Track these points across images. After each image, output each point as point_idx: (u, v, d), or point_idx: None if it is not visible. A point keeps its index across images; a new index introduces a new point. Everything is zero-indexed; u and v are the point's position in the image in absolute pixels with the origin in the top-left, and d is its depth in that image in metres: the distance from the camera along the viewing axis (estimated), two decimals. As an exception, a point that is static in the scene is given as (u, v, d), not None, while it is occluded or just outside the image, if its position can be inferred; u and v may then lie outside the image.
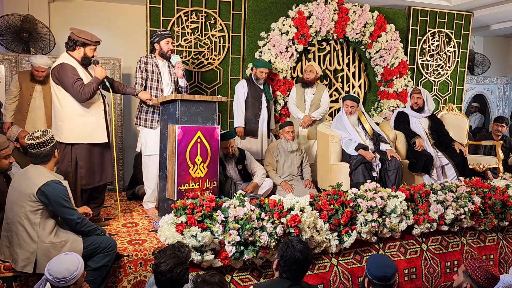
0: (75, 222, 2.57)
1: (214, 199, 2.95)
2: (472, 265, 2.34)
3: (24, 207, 2.48)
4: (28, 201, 2.47)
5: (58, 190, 2.51)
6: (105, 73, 3.40)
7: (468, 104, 7.48)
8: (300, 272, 2.27)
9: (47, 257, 2.45)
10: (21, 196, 2.50)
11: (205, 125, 3.39)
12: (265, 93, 4.71)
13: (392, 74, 5.56)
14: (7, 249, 2.57)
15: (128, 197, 4.55)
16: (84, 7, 5.31)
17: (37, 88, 4.35)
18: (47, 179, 2.52)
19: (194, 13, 4.86)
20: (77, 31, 3.31)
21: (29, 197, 2.47)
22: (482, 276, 2.29)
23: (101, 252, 2.62)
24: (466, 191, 3.74)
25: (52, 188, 2.49)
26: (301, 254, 2.23)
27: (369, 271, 2.30)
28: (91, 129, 3.31)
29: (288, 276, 2.24)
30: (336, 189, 3.43)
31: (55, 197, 2.48)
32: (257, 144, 4.71)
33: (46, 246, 2.48)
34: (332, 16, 5.17)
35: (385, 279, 2.24)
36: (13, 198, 2.55)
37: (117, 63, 5.05)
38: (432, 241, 3.64)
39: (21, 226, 2.48)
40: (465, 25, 6.10)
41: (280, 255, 2.28)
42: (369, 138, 4.25)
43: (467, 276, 2.34)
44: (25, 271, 2.49)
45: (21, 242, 2.48)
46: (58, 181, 2.56)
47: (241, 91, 4.67)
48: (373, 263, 2.33)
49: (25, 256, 2.47)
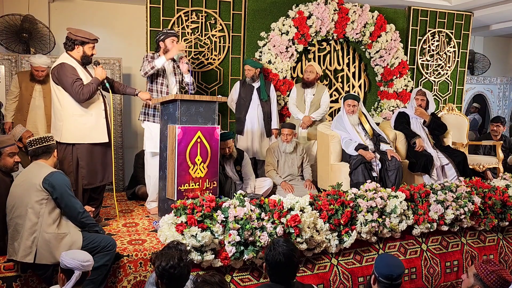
0: (77, 211, 2.64)
1: (214, 199, 2.95)
2: (485, 269, 2.24)
3: (30, 197, 2.53)
4: (33, 191, 2.53)
5: (62, 178, 2.62)
6: (105, 74, 3.41)
7: (469, 104, 7.48)
8: (286, 275, 2.19)
9: (48, 248, 2.51)
10: (26, 188, 2.56)
11: (205, 125, 3.39)
12: (259, 93, 4.70)
13: (392, 74, 5.57)
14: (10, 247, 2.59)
15: (128, 197, 4.55)
16: (84, 7, 5.31)
17: (37, 87, 4.36)
18: (51, 170, 2.63)
19: (194, 13, 4.86)
20: (75, 30, 3.31)
21: (35, 187, 2.54)
22: (495, 281, 2.20)
23: (101, 251, 2.63)
24: (466, 191, 3.74)
25: (56, 177, 2.59)
26: (284, 256, 2.14)
27: (377, 268, 2.30)
28: (91, 129, 3.31)
29: (276, 279, 2.19)
30: (336, 189, 3.43)
31: (60, 185, 2.57)
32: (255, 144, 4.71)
33: (48, 236, 2.52)
34: (332, 16, 5.17)
35: (391, 278, 2.24)
36: (17, 194, 2.58)
37: (117, 63, 5.04)
38: (432, 241, 3.64)
39: (25, 216, 2.53)
40: (465, 25, 6.10)
41: (265, 258, 2.22)
42: (369, 138, 4.25)
43: (478, 280, 2.25)
44: (25, 261, 2.51)
45: (24, 232, 2.51)
46: (62, 172, 2.70)
47: (233, 91, 4.78)
48: (382, 261, 2.33)
49: (27, 245, 2.50)
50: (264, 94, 4.70)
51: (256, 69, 4.66)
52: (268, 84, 4.81)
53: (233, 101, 4.77)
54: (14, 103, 4.33)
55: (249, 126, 4.69)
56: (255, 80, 4.70)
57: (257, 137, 4.72)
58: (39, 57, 4.27)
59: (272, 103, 4.79)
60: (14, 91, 4.32)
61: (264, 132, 4.75)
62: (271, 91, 4.79)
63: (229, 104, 4.84)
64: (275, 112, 4.80)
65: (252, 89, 4.70)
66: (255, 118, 4.69)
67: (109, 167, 3.47)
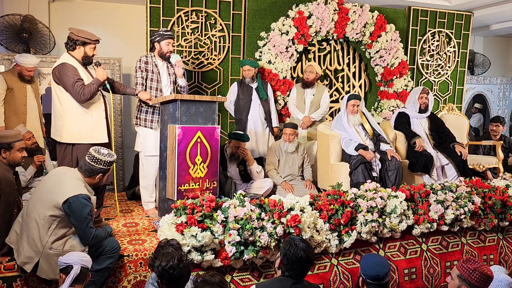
0: (88, 240, 2.53)
1: (214, 199, 2.95)
2: (467, 268, 2.28)
3: (46, 209, 2.46)
4: (52, 206, 2.46)
5: (84, 206, 2.47)
6: (106, 75, 3.40)
7: (469, 104, 7.48)
8: (302, 271, 2.28)
9: (49, 263, 2.46)
10: (47, 198, 2.49)
11: (205, 125, 3.39)
12: (258, 92, 4.70)
13: (392, 74, 5.57)
14: (14, 235, 2.57)
15: (128, 197, 4.55)
16: (84, 7, 5.31)
17: (29, 88, 4.33)
18: (78, 191, 2.48)
19: (194, 13, 4.86)
20: (76, 30, 3.31)
21: (54, 203, 2.45)
22: (479, 278, 2.24)
23: (105, 253, 2.63)
24: (466, 191, 3.74)
25: (79, 203, 2.45)
26: (304, 253, 2.25)
27: (363, 270, 2.31)
28: (91, 129, 3.31)
29: (291, 274, 2.25)
30: (336, 189, 3.43)
31: (80, 213, 2.45)
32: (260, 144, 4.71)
33: (51, 253, 2.46)
34: (332, 16, 5.17)
35: (378, 278, 2.25)
36: (40, 194, 2.55)
37: (117, 63, 5.05)
38: (432, 241, 3.64)
39: (36, 224, 2.47)
40: (465, 25, 6.10)
41: (283, 254, 2.28)
42: (369, 138, 4.25)
43: (462, 280, 2.28)
44: (24, 268, 2.49)
45: (30, 239, 2.48)
46: (87, 196, 2.52)
47: (231, 93, 4.76)
48: (367, 262, 2.33)
49: (29, 254, 2.47)
50: (263, 93, 4.70)
51: (255, 68, 4.68)
52: (265, 83, 4.83)
53: (231, 103, 4.73)
54: (1, 107, 4.15)
55: (251, 127, 4.69)
56: (254, 80, 4.71)
57: (261, 137, 4.72)
58: (30, 57, 4.23)
59: (270, 101, 4.80)
60: (1, 94, 4.14)
61: (267, 131, 4.76)
62: (268, 90, 4.80)
63: (226, 106, 4.80)
64: (274, 111, 4.83)
65: (251, 89, 4.70)
66: (257, 118, 4.69)
67: None
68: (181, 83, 3.84)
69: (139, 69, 3.74)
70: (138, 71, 3.74)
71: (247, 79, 4.68)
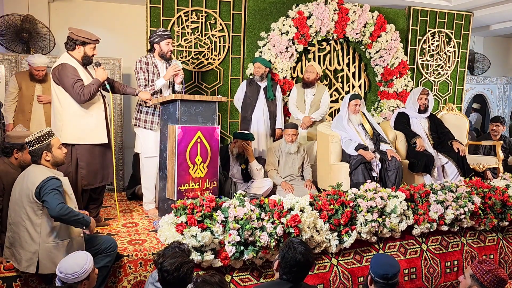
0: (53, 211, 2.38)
1: (214, 199, 2.95)
2: (480, 269, 2.25)
3: (25, 208, 2.46)
4: (28, 203, 2.46)
5: (53, 183, 2.44)
6: (106, 75, 3.40)
7: (469, 104, 7.48)
8: (300, 274, 2.26)
9: (49, 258, 2.46)
10: (22, 198, 2.49)
11: (205, 125, 3.39)
12: (265, 92, 4.71)
13: (392, 74, 5.57)
14: (7, 250, 2.56)
15: (128, 197, 4.55)
16: (84, 7, 5.31)
17: (38, 87, 4.37)
18: (43, 177, 2.45)
19: (194, 13, 4.86)
20: (76, 30, 3.31)
21: (28, 198, 2.45)
22: (491, 281, 2.21)
23: (102, 252, 2.63)
24: (466, 191, 3.74)
25: (49, 183, 2.43)
26: (302, 256, 2.22)
27: (372, 268, 2.31)
28: (91, 129, 3.31)
29: (289, 278, 2.23)
30: (336, 189, 3.43)
31: (47, 188, 2.41)
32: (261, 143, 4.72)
33: (48, 246, 2.47)
34: (332, 16, 5.17)
35: (386, 277, 2.25)
36: (15, 199, 2.54)
37: (117, 63, 5.05)
38: (432, 241, 3.64)
39: (23, 227, 2.47)
40: (465, 25, 6.10)
41: (281, 256, 2.27)
42: (369, 138, 4.25)
43: (475, 280, 2.25)
44: (28, 271, 2.48)
45: (23, 243, 2.47)
46: (54, 177, 2.48)
47: (239, 90, 4.77)
48: (377, 261, 2.34)
49: (28, 256, 2.46)
50: (271, 93, 4.71)
51: (266, 67, 4.69)
52: (274, 84, 4.83)
53: (239, 100, 4.77)
54: (13, 104, 4.32)
55: (255, 126, 4.70)
56: (263, 79, 4.71)
57: (263, 137, 4.73)
58: (38, 57, 4.27)
59: (278, 103, 4.80)
60: (13, 92, 4.30)
61: (269, 132, 4.77)
62: (277, 91, 4.81)
63: (235, 103, 4.86)
64: (280, 112, 4.82)
65: (258, 88, 4.71)
66: (261, 117, 4.70)
67: (109, 167, 3.47)
68: (177, 88, 3.85)
69: (140, 70, 3.74)
70: (140, 71, 3.74)
71: (256, 77, 4.70)
